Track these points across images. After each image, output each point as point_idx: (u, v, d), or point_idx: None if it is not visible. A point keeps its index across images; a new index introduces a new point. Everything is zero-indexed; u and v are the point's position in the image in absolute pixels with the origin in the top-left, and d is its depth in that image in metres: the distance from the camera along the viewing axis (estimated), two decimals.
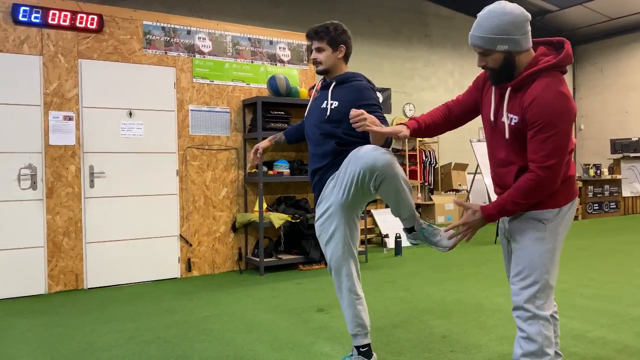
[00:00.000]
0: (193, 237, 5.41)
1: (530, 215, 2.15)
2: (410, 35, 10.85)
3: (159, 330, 3.62)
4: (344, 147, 2.62)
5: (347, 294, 2.75)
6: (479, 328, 3.51)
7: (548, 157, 2.00)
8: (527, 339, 2.13)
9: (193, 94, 5.42)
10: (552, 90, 2.01)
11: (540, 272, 2.13)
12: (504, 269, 5.43)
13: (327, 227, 2.71)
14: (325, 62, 2.70)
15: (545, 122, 1.99)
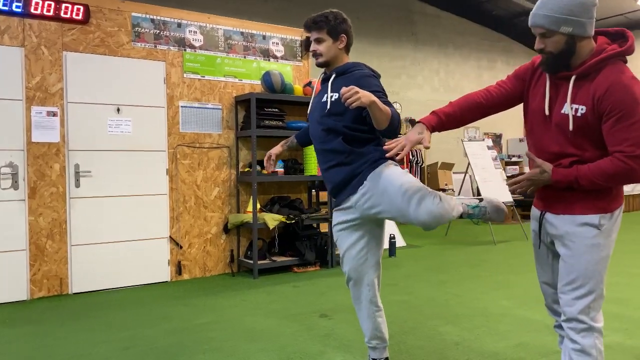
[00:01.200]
0: (183, 239, 5.18)
1: (585, 220, 2.01)
2: (397, 33, 10.76)
3: (156, 339, 3.40)
4: (353, 144, 2.44)
5: (368, 305, 2.59)
6: (491, 334, 3.40)
7: (636, 146, 1.86)
8: (581, 352, 2.00)
9: (184, 89, 5.19)
10: (627, 77, 1.90)
11: (596, 281, 2.00)
12: (501, 271, 5.36)
13: (348, 235, 2.55)
14: (326, 53, 2.50)
15: (627, 109, 1.86)
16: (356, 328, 3.56)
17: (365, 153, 2.43)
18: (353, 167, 2.44)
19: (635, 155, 1.87)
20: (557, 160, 2.05)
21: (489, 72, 12.24)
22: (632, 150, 1.87)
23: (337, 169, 2.48)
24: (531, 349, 3.12)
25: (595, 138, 1.97)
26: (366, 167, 2.42)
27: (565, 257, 2.06)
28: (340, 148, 2.46)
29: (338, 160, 2.47)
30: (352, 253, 2.55)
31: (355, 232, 2.53)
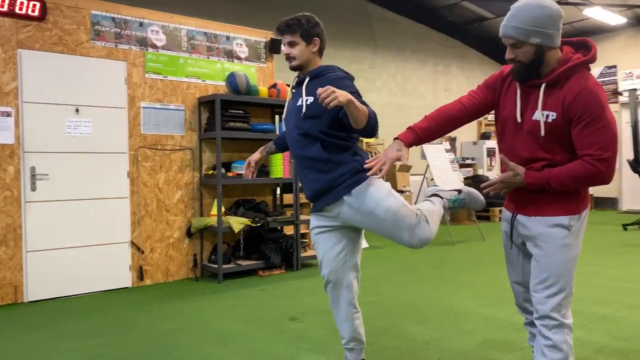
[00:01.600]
0: (145, 244, 5.05)
1: (556, 222, 2.10)
2: (356, 37, 10.86)
3: (125, 346, 3.30)
4: (331, 151, 2.43)
5: (347, 307, 2.60)
6: (459, 333, 3.48)
7: (604, 150, 1.96)
8: (553, 347, 2.08)
9: (145, 90, 5.06)
10: (592, 84, 2.00)
11: (566, 279, 2.09)
12: (463, 271, 5.49)
13: (327, 238, 2.56)
14: (299, 56, 2.50)
15: (594, 114, 1.97)
16: (328, 330, 3.57)
17: (344, 162, 2.44)
18: (332, 175, 2.44)
19: (602, 158, 1.97)
20: (529, 164, 2.13)
21: (445, 77, 12.54)
22: (599, 154, 1.97)
23: (315, 177, 2.48)
24: (497, 346, 3.22)
25: (565, 142, 2.07)
26: (347, 178, 2.42)
27: (538, 257, 2.14)
28: (318, 156, 2.45)
29: (317, 167, 2.47)
30: (331, 256, 2.56)
31: (334, 235, 2.55)
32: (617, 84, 11.70)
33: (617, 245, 6.94)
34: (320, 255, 2.60)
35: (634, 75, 11.55)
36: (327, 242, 2.56)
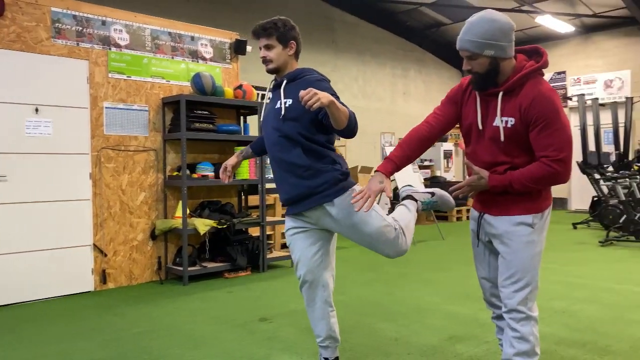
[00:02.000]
0: (108, 247, 4.95)
1: (520, 220, 2.21)
2: (318, 40, 10.95)
3: (92, 351, 3.24)
4: (311, 157, 2.46)
5: (323, 306, 2.64)
6: (426, 329, 3.58)
7: (560, 150, 2.09)
8: (520, 339, 2.19)
9: (108, 89, 4.97)
10: (546, 89, 2.13)
11: (532, 274, 2.20)
12: (425, 269, 5.63)
13: (303, 239, 2.60)
14: (276, 59, 2.52)
15: (549, 118, 2.09)
16: (298, 330, 3.60)
17: (324, 170, 2.47)
18: (312, 183, 2.46)
19: (558, 159, 2.10)
20: (492, 168, 2.26)
21: (403, 80, 12.79)
22: (555, 155, 2.10)
23: (295, 181, 2.50)
24: (463, 340, 3.33)
25: (524, 145, 2.19)
26: (328, 187, 2.46)
27: (504, 254, 2.25)
28: (299, 162, 2.46)
29: (296, 173, 2.49)
30: (308, 256, 2.59)
31: (310, 236, 2.59)
32: (566, 89, 12.23)
33: (569, 244, 7.27)
34: (296, 256, 2.64)
35: (581, 81, 12.10)
36: (303, 242, 2.60)
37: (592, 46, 11.99)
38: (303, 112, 2.43)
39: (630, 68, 11.47)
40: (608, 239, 7.12)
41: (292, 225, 2.63)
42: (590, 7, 11.07)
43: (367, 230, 2.47)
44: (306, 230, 2.59)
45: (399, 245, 2.52)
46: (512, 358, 2.21)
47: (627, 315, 3.81)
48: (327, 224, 2.55)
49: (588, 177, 9.06)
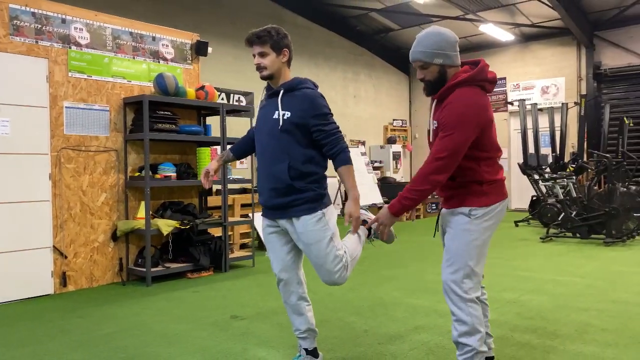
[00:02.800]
0: (68, 248, 4.87)
1: (460, 210, 2.48)
2: None
3: (63, 353, 3.22)
4: (295, 177, 2.58)
5: (299, 302, 2.78)
6: (392, 320, 3.78)
7: (440, 152, 2.33)
8: (459, 321, 2.41)
9: (68, 89, 4.89)
10: (462, 100, 2.36)
11: (464, 259, 2.42)
12: (384, 266, 5.86)
13: (278, 238, 2.75)
14: (270, 66, 2.63)
15: (447, 124, 2.35)
16: (271, 325, 3.71)
17: (302, 190, 2.60)
18: (285, 199, 2.62)
19: (436, 157, 2.34)
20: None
21: (354, 84, 13.08)
22: (435, 154, 2.35)
23: (273, 191, 2.64)
24: (427, 330, 3.55)
25: None
26: (299, 204, 2.60)
27: (445, 241, 2.55)
28: (281, 177, 2.58)
29: (275, 187, 2.62)
30: (281, 255, 2.74)
31: (283, 237, 2.75)
32: (506, 94, 12.89)
33: (512, 240, 7.73)
34: (271, 255, 2.79)
35: (520, 87, 12.79)
36: (277, 242, 2.75)
37: (530, 54, 12.70)
38: (299, 127, 2.59)
39: (564, 75, 12.24)
40: (548, 235, 7.63)
41: (267, 224, 2.76)
42: (529, 17, 11.74)
43: (318, 254, 2.62)
44: (279, 231, 2.74)
45: (337, 279, 2.66)
46: (458, 340, 2.42)
47: (571, 303, 4.16)
48: (289, 233, 2.71)
49: (528, 177, 9.62)
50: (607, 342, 3.26)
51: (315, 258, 2.63)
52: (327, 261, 2.62)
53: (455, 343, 2.45)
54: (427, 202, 11.69)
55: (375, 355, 3.08)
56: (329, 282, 2.68)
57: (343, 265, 2.65)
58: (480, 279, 2.49)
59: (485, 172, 2.46)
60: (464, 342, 2.40)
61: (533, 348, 3.17)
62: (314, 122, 2.60)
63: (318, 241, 2.61)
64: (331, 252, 2.62)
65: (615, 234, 7.19)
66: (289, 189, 2.60)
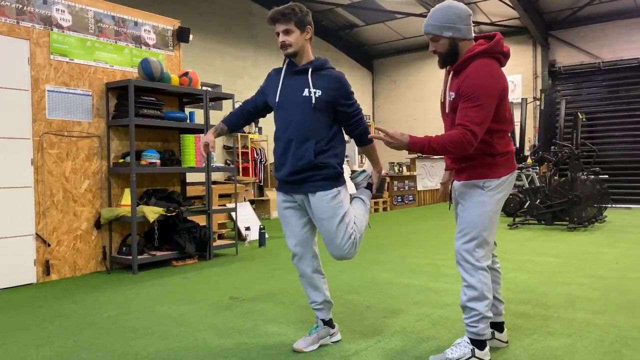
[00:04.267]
0: (51, 236, 4.73)
1: (474, 183, 2.57)
2: (238, 34, 10.98)
3: (69, 334, 3.15)
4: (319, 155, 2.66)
5: (315, 275, 2.84)
6: (390, 297, 3.89)
7: (472, 123, 2.40)
8: (470, 287, 2.53)
9: (50, 72, 4.74)
10: (482, 70, 2.45)
11: (478, 229, 2.52)
12: (368, 251, 5.98)
13: (293, 213, 2.81)
14: (295, 44, 2.67)
15: (472, 94, 2.42)
16: (274, 304, 3.75)
17: (322, 167, 2.68)
18: (306, 175, 2.69)
19: (469, 130, 2.41)
20: None
21: None
22: (467, 125, 2.41)
23: (291, 169, 2.70)
24: (427, 305, 3.68)
25: None
26: (316, 180, 2.68)
27: (459, 212, 2.64)
28: (306, 155, 2.65)
29: (298, 161, 2.67)
30: (296, 230, 2.80)
31: (298, 212, 2.80)
32: None
33: None
34: (286, 230, 2.84)
35: None
36: (292, 217, 2.81)
37: None
38: (330, 105, 2.67)
39: (521, 72, 12.77)
40: (515, 223, 7.97)
41: (283, 199, 2.81)
42: (488, 16, 12.19)
43: (330, 229, 2.69)
44: (295, 207, 2.80)
45: (346, 254, 2.73)
46: (466, 304, 2.54)
47: (553, 279, 4.40)
48: (305, 207, 2.79)
49: None
50: (595, 309, 3.48)
51: (327, 233, 2.70)
52: (337, 237, 2.69)
53: (462, 307, 2.56)
54: (393, 195, 11.93)
55: (384, 327, 3.18)
56: (337, 257, 2.74)
57: (352, 241, 2.73)
58: (492, 248, 2.61)
59: (498, 144, 2.56)
60: (472, 307, 2.52)
61: (530, 317, 3.36)
62: (342, 102, 2.70)
63: (331, 217, 2.68)
64: (342, 229, 2.69)
65: (578, 220, 7.60)
66: (311, 165, 2.67)
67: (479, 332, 2.54)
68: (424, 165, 13.07)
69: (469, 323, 2.55)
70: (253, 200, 9.84)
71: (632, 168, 11.43)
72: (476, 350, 2.54)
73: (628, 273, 4.58)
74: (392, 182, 11.89)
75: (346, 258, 2.76)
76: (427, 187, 13.22)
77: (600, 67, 11.69)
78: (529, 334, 3.02)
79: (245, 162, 10.35)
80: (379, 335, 3.04)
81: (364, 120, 2.84)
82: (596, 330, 3.07)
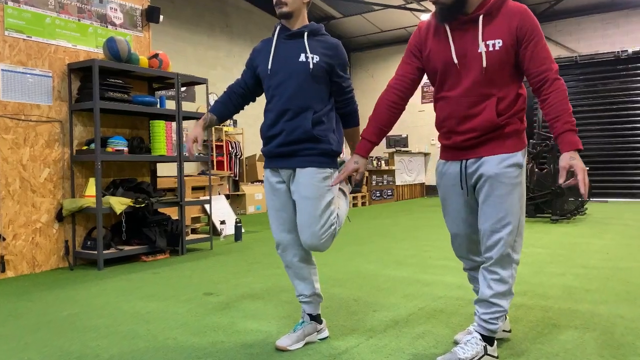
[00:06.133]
0: (7, 230, 4.32)
1: (511, 161, 2.18)
2: (211, 23, 10.59)
3: (20, 336, 2.79)
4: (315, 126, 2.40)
5: (303, 265, 2.55)
6: (378, 290, 3.63)
7: (553, 62, 2.14)
8: (500, 281, 2.22)
9: (5, 49, 4.33)
10: (525, 8, 2.18)
11: (518, 217, 2.21)
12: (350, 243, 5.71)
13: (275, 199, 2.52)
14: (291, 3, 2.40)
15: (539, 33, 2.14)
16: (251, 300, 3.45)
17: (319, 140, 2.41)
18: (300, 146, 2.42)
19: (556, 69, 2.14)
20: (480, 105, 2.17)
21: None
22: (553, 67, 2.13)
23: (284, 140, 2.43)
24: (419, 297, 3.43)
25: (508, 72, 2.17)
26: (312, 154, 2.41)
27: (494, 197, 2.19)
28: (303, 124, 2.38)
29: (292, 131, 2.40)
30: (283, 215, 2.50)
31: (282, 197, 2.50)
32: None
33: None
34: (272, 213, 2.55)
35: None
36: (282, 197, 2.51)
37: None
38: (325, 72, 2.42)
39: None
40: None
41: (270, 176, 2.52)
42: None
43: (312, 212, 2.40)
44: (283, 187, 2.50)
45: (320, 245, 2.44)
46: (490, 299, 2.22)
47: (546, 269, 4.20)
48: (291, 185, 2.49)
49: None
50: (596, 300, 3.28)
51: (307, 215, 2.40)
52: (319, 222, 2.40)
53: (482, 301, 2.25)
54: (371, 190, 11.71)
55: (375, 322, 2.91)
56: (310, 246, 2.44)
57: (331, 232, 2.46)
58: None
59: (523, 99, 2.24)
60: (496, 302, 2.23)
61: (529, 308, 3.13)
62: (337, 72, 2.46)
63: (317, 198, 2.39)
64: (326, 215, 2.42)
65: (560, 212, 7.48)
66: (307, 136, 2.39)
67: (497, 329, 2.27)
68: (402, 159, 12.88)
69: (488, 319, 2.25)
70: (228, 195, 9.48)
71: (609, 162, 11.44)
72: (488, 347, 2.27)
73: (620, 263, 4.41)
74: (371, 177, 11.66)
75: (319, 249, 2.46)
76: (406, 181, 13.04)
77: (577, 61, 11.67)
78: (532, 326, 2.79)
79: (219, 156, 9.98)
80: (370, 330, 2.77)
81: (355, 100, 2.58)
82: (602, 321, 2.85)
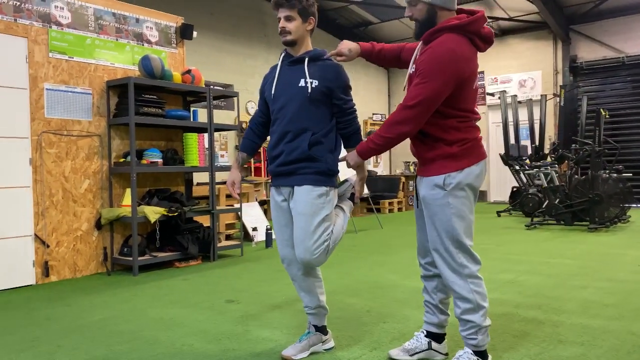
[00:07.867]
0: (50, 237, 4.65)
1: (434, 182, 2.30)
2: (249, 33, 10.87)
3: (53, 339, 3.04)
4: (312, 147, 2.51)
5: (308, 278, 2.66)
6: (394, 302, 3.71)
7: (411, 99, 2.17)
8: (461, 299, 2.30)
9: (49, 70, 4.67)
10: (444, 46, 2.17)
11: (452, 235, 2.28)
12: (373, 252, 5.79)
13: (280, 216, 2.65)
14: (294, 32, 2.53)
15: (423, 70, 2.17)
16: (268, 308, 3.60)
17: (315, 159, 2.52)
18: (297, 165, 2.54)
19: (407, 105, 2.18)
20: None
21: None
22: (407, 101, 2.19)
23: (284, 160, 2.55)
24: None
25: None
26: (309, 172, 2.52)
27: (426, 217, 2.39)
28: (301, 145, 2.50)
29: (292, 152, 2.52)
30: (288, 231, 2.62)
31: (286, 213, 2.62)
32: (484, 87, 13.01)
33: (498, 229, 7.76)
34: (277, 228, 2.68)
35: (498, 81, 12.92)
36: (280, 220, 2.64)
37: (507, 48, 12.84)
38: (325, 96, 2.53)
39: (541, 69, 12.41)
40: (533, 223, 7.69)
41: (275, 195, 2.66)
42: (507, 11, 11.86)
43: (306, 228, 2.49)
44: (283, 206, 2.63)
45: (313, 260, 2.52)
46: (460, 317, 2.33)
47: (568, 282, 4.16)
48: (290, 202, 2.61)
49: (510, 168, 9.71)
50: (611, 316, 3.25)
51: (301, 230, 2.51)
52: (312, 238, 2.49)
53: (458, 319, 2.36)
54: (408, 195, 11.69)
55: (382, 334, 3.00)
56: (303, 260, 2.53)
57: (324, 249, 2.54)
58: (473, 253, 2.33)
59: (456, 129, 2.26)
60: (467, 319, 2.32)
61: (540, 323, 3.14)
62: (338, 95, 2.56)
63: (311, 214, 2.50)
64: (319, 231, 2.51)
65: (599, 220, 7.28)
66: (304, 156, 2.52)
67: (479, 343, 2.34)
68: None
69: (466, 336, 2.35)
70: (264, 201, 9.71)
71: None
72: None
73: None
74: (407, 182, 11.65)
75: (312, 264, 2.55)
76: None
77: (625, 62, 11.28)
78: (537, 342, 2.81)
79: (257, 162, 10.23)
80: (375, 342, 2.87)
81: (357, 121, 2.66)
82: (611, 338, 2.84)
